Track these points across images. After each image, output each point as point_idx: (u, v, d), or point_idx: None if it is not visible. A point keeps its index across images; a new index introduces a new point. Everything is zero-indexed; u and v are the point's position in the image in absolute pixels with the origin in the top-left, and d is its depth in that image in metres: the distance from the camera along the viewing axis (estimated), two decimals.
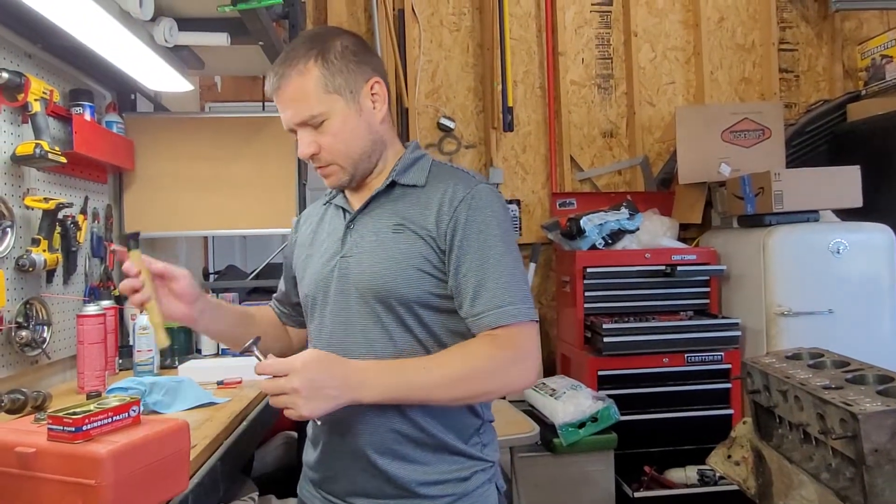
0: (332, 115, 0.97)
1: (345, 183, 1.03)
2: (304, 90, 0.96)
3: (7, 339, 1.46)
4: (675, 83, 3.39)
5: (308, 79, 0.96)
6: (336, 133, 0.98)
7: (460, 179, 1.01)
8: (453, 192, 0.99)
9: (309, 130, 0.98)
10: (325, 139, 0.98)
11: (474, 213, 0.97)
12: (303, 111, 0.97)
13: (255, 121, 2.25)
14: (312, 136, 0.98)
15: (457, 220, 0.97)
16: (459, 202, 0.98)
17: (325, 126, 0.98)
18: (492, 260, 0.96)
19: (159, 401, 1.32)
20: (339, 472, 1.01)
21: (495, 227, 0.98)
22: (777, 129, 2.99)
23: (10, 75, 1.45)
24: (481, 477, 1.01)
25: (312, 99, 0.96)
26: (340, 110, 0.98)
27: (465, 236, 0.96)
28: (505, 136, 3.25)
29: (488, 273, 0.95)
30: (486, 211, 0.98)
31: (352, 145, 1.00)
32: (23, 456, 0.79)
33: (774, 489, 1.49)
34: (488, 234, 0.97)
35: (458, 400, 0.95)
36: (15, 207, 1.49)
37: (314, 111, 0.96)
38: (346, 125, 0.99)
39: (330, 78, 0.97)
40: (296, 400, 0.85)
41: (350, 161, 1.01)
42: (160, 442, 0.85)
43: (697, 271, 2.76)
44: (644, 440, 2.57)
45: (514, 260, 0.99)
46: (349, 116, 0.99)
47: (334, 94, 0.97)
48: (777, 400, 1.45)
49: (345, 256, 1.02)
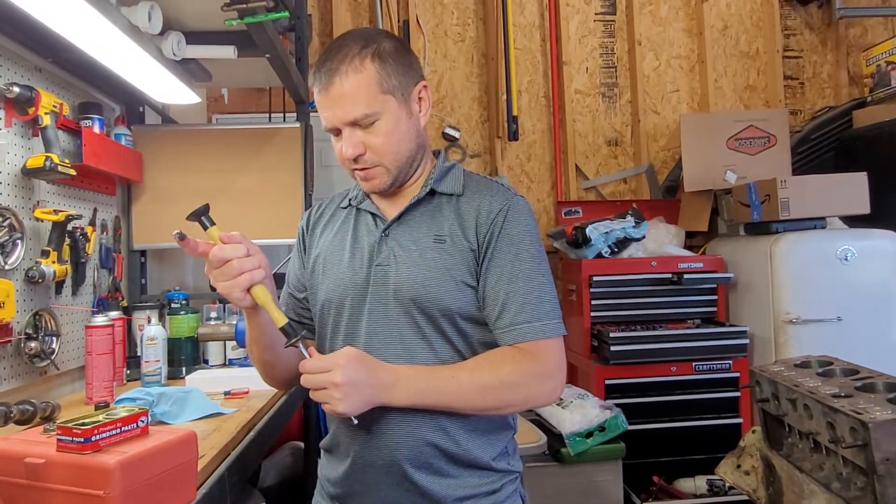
0: (384, 115, 0.95)
1: (386, 187, 1.00)
2: (359, 88, 0.93)
3: (16, 350, 1.47)
4: (679, 91, 3.40)
5: (364, 77, 0.94)
6: (388, 134, 0.95)
7: (496, 192, 1.02)
8: (490, 203, 0.99)
9: (357, 130, 0.95)
10: (376, 140, 0.96)
11: (509, 225, 0.98)
12: (356, 110, 0.94)
13: (262, 132, 2.27)
14: (360, 137, 0.95)
15: (492, 232, 0.98)
16: (497, 213, 0.98)
17: (375, 126, 0.95)
18: (523, 273, 0.96)
19: (167, 411, 1.32)
20: (371, 487, 0.98)
21: (529, 241, 0.98)
22: (782, 136, 2.99)
23: (21, 89, 1.47)
24: (509, 488, 1.02)
25: (368, 97, 0.94)
26: (393, 111, 0.96)
27: (498, 247, 0.97)
28: (510, 145, 3.26)
29: (519, 286, 0.95)
30: (520, 224, 0.99)
31: (401, 147, 0.98)
32: (32, 467, 0.80)
33: (785, 499, 1.48)
34: (521, 248, 0.97)
35: (482, 410, 0.95)
36: (25, 219, 1.51)
37: (368, 110, 0.94)
38: (397, 127, 0.96)
39: (386, 77, 0.95)
40: (334, 395, 0.86)
41: (397, 164, 0.99)
42: (168, 452, 0.85)
43: (704, 279, 2.74)
44: (652, 449, 2.55)
45: (545, 275, 0.99)
46: (401, 118, 0.97)
47: (388, 94, 0.95)
48: (786, 408, 1.44)
49: (381, 265, 1.00)
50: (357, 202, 1.08)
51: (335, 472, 1.03)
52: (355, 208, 1.08)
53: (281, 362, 1.04)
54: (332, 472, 1.03)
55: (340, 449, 1.02)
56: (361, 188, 1.05)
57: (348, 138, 0.96)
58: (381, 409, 0.95)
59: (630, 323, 2.73)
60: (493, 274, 0.96)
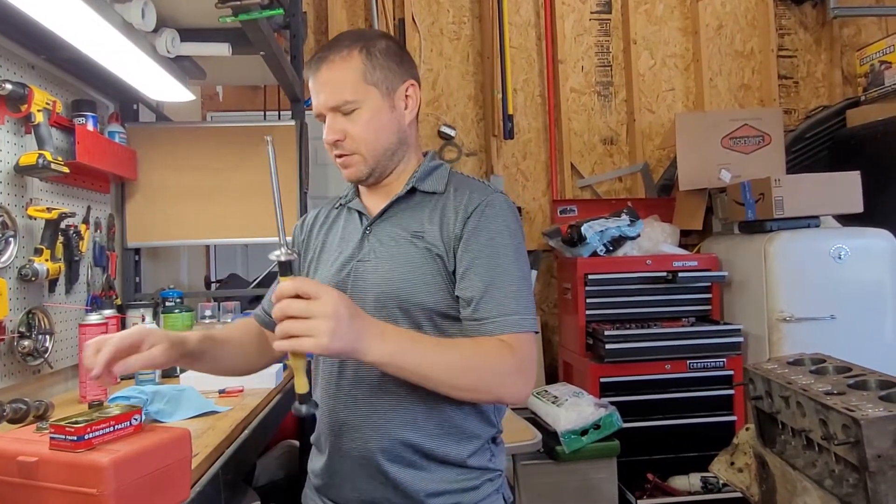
0: (364, 105, 0.99)
1: (363, 176, 1.03)
2: (342, 76, 0.98)
3: (9, 348, 1.46)
4: (674, 90, 3.40)
5: (349, 66, 0.99)
6: (366, 123, 0.99)
7: (477, 188, 1.03)
8: (469, 199, 1.00)
9: (338, 117, 0.99)
10: (354, 128, 0.99)
11: (487, 220, 0.98)
12: (337, 96, 0.98)
13: (257, 130, 2.26)
14: (341, 124, 0.99)
15: (470, 226, 0.98)
16: (475, 208, 0.99)
17: (355, 115, 0.99)
18: (501, 267, 0.96)
19: (161, 409, 1.32)
20: (346, 478, 0.99)
21: (507, 236, 0.98)
22: (777, 135, 3.00)
23: (14, 86, 1.46)
24: (489, 487, 1.01)
25: (349, 86, 0.98)
26: (374, 102, 1.00)
27: (476, 241, 0.97)
28: (505, 144, 3.26)
29: (497, 280, 0.95)
30: (499, 219, 0.99)
31: (379, 139, 1.01)
32: (25, 465, 0.79)
33: (778, 496, 1.49)
34: (499, 243, 0.97)
35: (457, 389, 0.91)
36: (18, 217, 1.50)
37: (348, 97, 0.98)
38: (376, 118, 1.00)
39: (370, 70, 0.99)
40: (321, 327, 0.77)
41: (373, 154, 1.01)
42: (162, 451, 0.85)
43: (699, 277, 2.75)
44: (647, 447, 2.56)
45: (523, 271, 0.99)
46: (382, 110, 1.01)
47: (371, 86, 0.99)
48: (779, 406, 1.45)
49: (361, 261, 1.02)
50: (346, 201, 1.11)
51: (318, 464, 1.05)
52: (345, 207, 1.11)
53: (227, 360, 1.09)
54: (316, 464, 1.06)
55: (322, 441, 1.04)
56: (343, 176, 1.06)
57: (330, 124, 1.00)
58: (359, 405, 0.96)
59: (625, 321, 2.74)
60: (470, 267, 0.96)
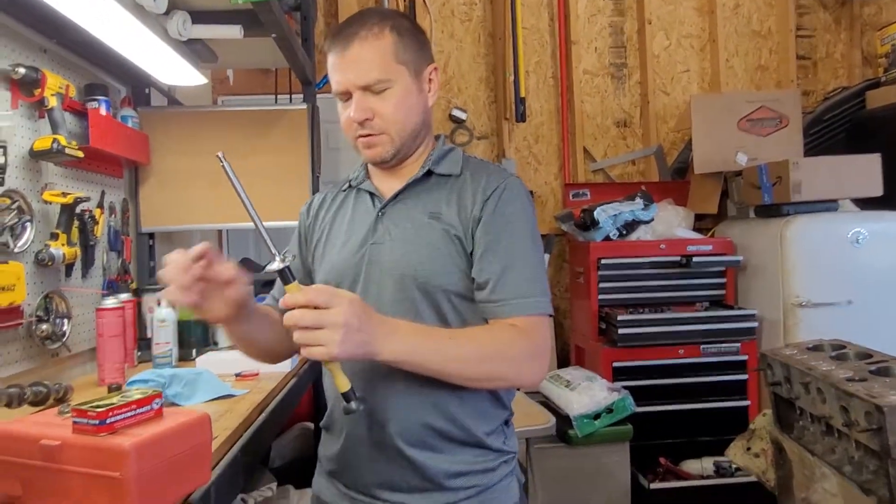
0: (396, 84, 0.98)
1: (388, 157, 1.02)
2: (375, 53, 0.96)
3: (28, 332, 1.47)
4: (689, 71, 3.35)
5: (381, 43, 0.97)
6: (397, 103, 0.98)
7: (494, 171, 1.03)
8: (487, 182, 1.00)
9: (368, 95, 0.97)
10: (385, 107, 0.98)
11: (505, 204, 0.98)
12: (370, 74, 0.96)
13: (269, 113, 2.25)
14: (370, 102, 0.97)
15: (488, 208, 0.98)
16: (492, 192, 0.99)
17: (386, 94, 0.97)
18: (518, 250, 0.96)
19: (179, 393, 1.32)
20: (364, 463, 0.99)
21: (524, 220, 0.99)
22: (795, 117, 2.95)
23: (27, 70, 1.46)
24: (504, 469, 1.01)
25: (382, 64, 0.97)
26: (405, 82, 0.99)
27: (494, 224, 0.97)
28: (517, 127, 3.23)
29: (514, 262, 0.95)
30: (516, 203, 0.99)
31: (408, 119, 1.00)
32: (48, 449, 0.80)
33: (795, 482, 1.48)
34: (516, 226, 0.98)
35: (472, 379, 0.92)
36: (33, 202, 1.50)
37: (382, 76, 0.96)
38: (407, 98, 0.99)
39: (402, 49, 0.98)
40: (334, 336, 0.78)
41: (402, 135, 1.00)
42: (183, 434, 0.85)
43: (713, 262, 2.73)
44: (659, 431, 2.56)
45: (538, 255, 0.99)
46: (411, 90, 1.00)
47: (401, 65, 0.98)
48: (798, 392, 1.44)
49: (376, 243, 1.01)
50: (357, 182, 1.09)
51: (331, 449, 1.04)
52: (355, 189, 1.09)
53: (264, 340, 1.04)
54: (329, 449, 1.05)
55: (336, 426, 1.03)
56: (362, 157, 1.05)
57: (359, 102, 0.98)
58: (376, 388, 0.96)
59: (638, 306, 2.73)
60: (488, 249, 0.96)
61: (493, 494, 0.99)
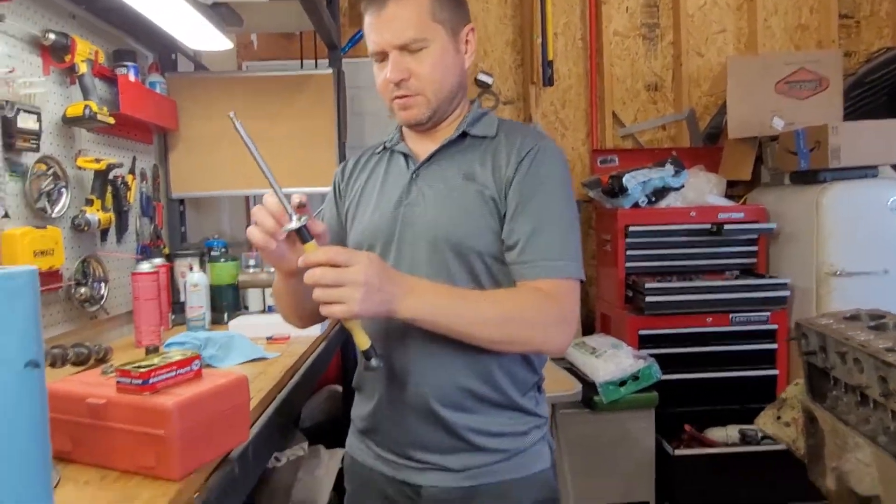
0: (433, 43, 0.97)
1: (423, 119, 1.00)
2: (412, 12, 0.95)
3: (67, 295, 1.51)
4: (725, 31, 3.22)
5: (419, 2, 0.96)
6: (434, 63, 0.97)
7: (529, 133, 1.02)
8: (521, 143, 0.99)
9: (404, 55, 0.96)
10: (422, 67, 0.96)
11: (539, 165, 0.97)
12: (407, 33, 0.95)
13: (295, 78, 2.23)
14: (407, 62, 0.96)
15: (522, 169, 0.97)
16: (526, 153, 0.98)
17: (423, 53, 0.96)
18: (550, 212, 0.95)
19: (214, 355, 1.35)
20: (396, 422, 1.00)
21: (557, 182, 0.97)
22: (835, 79, 2.83)
23: (57, 36, 1.46)
24: (536, 434, 1.02)
25: (419, 22, 0.95)
26: (441, 41, 0.98)
27: (526, 184, 0.96)
28: (544, 91, 3.16)
29: (545, 224, 0.94)
30: (550, 165, 0.98)
31: (445, 80, 0.99)
32: (94, 407, 0.82)
33: (826, 451, 1.47)
34: (549, 188, 0.96)
35: (493, 342, 0.91)
36: (68, 168, 1.52)
37: (419, 35, 0.95)
38: (443, 57, 0.98)
39: (438, 7, 0.97)
40: (354, 294, 0.80)
41: (438, 95, 0.99)
42: (222, 395, 0.87)
43: (745, 230, 2.67)
44: (685, 399, 2.55)
45: (572, 218, 0.98)
46: (448, 50, 0.99)
47: (438, 24, 0.97)
48: (834, 362, 1.41)
49: (410, 205, 1.00)
50: (392, 144, 1.08)
51: (363, 409, 1.05)
52: (389, 150, 1.08)
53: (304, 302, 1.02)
54: (361, 409, 1.06)
55: (367, 387, 1.04)
56: (398, 119, 1.04)
57: (395, 62, 0.96)
58: (409, 349, 0.96)
59: (666, 274, 2.69)
60: (519, 210, 0.95)
61: (524, 459, 0.99)
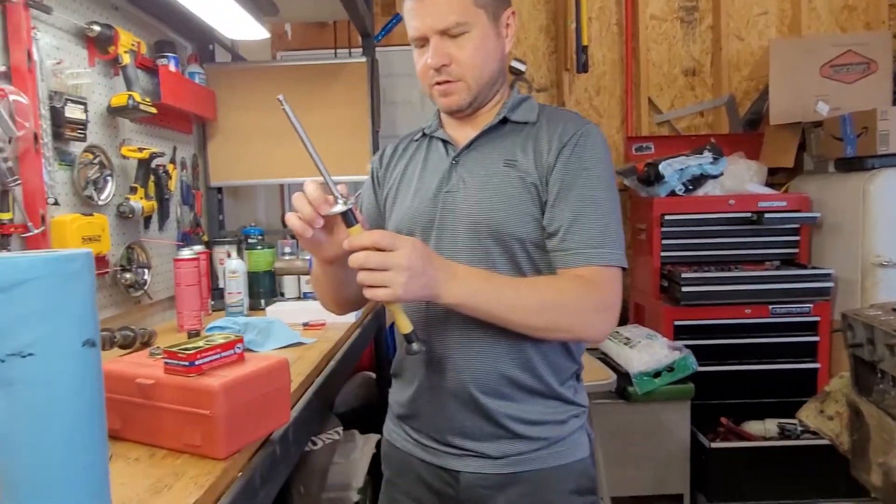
0: (474, 28, 0.96)
1: (464, 105, 1.00)
2: None
3: (113, 280, 1.57)
4: (767, 13, 3.11)
5: None
6: (476, 48, 0.96)
7: (571, 119, 1.00)
8: (563, 128, 0.98)
9: (445, 40, 0.95)
10: (462, 52, 0.96)
11: (581, 150, 0.96)
12: (448, 17, 0.94)
13: (329, 67, 2.25)
14: (448, 48, 0.96)
15: (564, 155, 0.96)
16: (570, 138, 0.97)
17: (464, 38, 0.95)
18: (592, 199, 0.94)
19: (253, 340, 1.38)
20: (436, 409, 1.00)
21: (601, 168, 0.96)
22: (885, 62, 2.71)
23: (101, 28, 1.50)
24: (575, 423, 1.01)
25: (461, 6, 0.94)
26: (483, 26, 0.97)
27: (568, 171, 0.95)
28: (578, 78, 3.11)
29: (586, 211, 0.93)
30: (594, 150, 0.96)
31: (486, 65, 0.98)
32: (143, 387, 0.85)
33: (872, 446, 1.42)
34: (592, 174, 0.95)
35: (533, 329, 0.91)
36: (113, 157, 1.57)
37: (460, 19, 0.94)
38: (485, 42, 0.97)
39: None
40: (398, 278, 0.80)
41: (479, 81, 0.98)
42: (265, 377, 0.89)
43: (787, 219, 2.59)
44: (721, 391, 2.50)
45: (614, 205, 0.96)
46: (489, 35, 0.98)
47: (480, 8, 0.96)
48: (882, 354, 1.37)
49: (450, 192, 1.00)
50: (431, 130, 1.08)
51: (402, 395, 1.05)
52: (428, 137, 1.08)
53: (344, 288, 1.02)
54: (400, 395, 1.06)
55: (406, 373, 1.05)
56: (438, 105, 1.03)
57: (436, 47, 0.95)
58: (450, 336, 0.96)
59: (703, 263, 2.64)
60: (560, 197, 0.94)
61: (563, 447, 0.99)
